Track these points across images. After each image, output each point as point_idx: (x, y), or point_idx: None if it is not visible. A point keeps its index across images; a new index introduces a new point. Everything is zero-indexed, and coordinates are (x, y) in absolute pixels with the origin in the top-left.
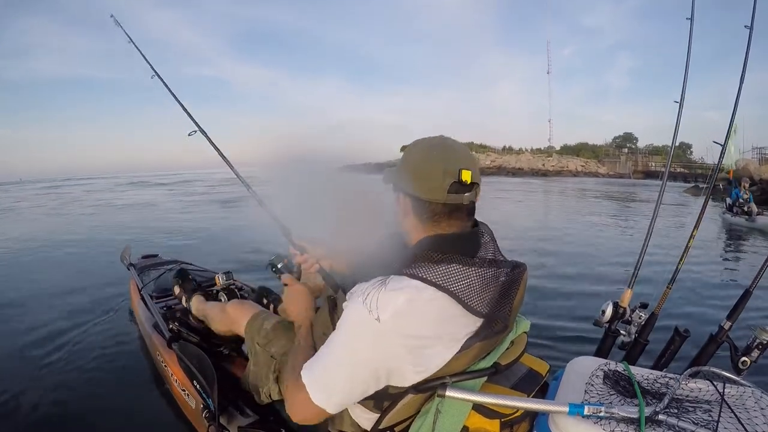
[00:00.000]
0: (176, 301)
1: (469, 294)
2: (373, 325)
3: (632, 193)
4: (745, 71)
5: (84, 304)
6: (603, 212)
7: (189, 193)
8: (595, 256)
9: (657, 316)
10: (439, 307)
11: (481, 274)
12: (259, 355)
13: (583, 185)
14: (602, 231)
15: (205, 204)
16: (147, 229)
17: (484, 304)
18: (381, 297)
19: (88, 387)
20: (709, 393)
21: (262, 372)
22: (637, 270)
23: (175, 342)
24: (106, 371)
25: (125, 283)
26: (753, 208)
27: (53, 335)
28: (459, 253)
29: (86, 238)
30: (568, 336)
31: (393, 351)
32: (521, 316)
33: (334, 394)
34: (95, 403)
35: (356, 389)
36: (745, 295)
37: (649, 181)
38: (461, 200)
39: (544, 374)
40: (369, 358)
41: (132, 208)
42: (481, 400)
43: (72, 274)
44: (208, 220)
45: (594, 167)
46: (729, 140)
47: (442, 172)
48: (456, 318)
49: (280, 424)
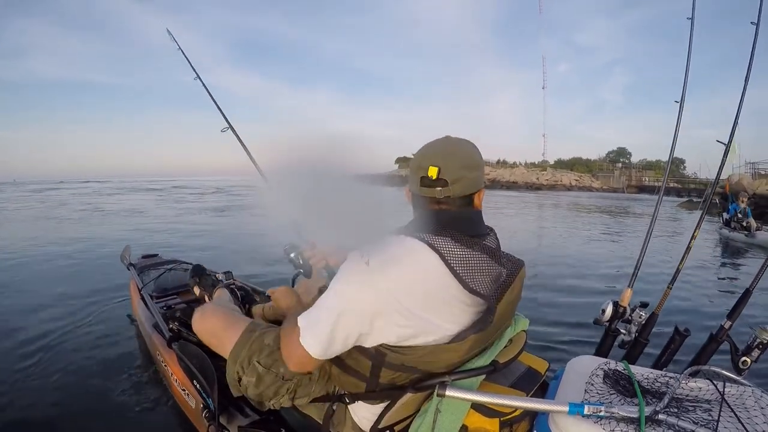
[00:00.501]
0: (177, 300)
1: (460, 265)
2: (363, 269)
3: (627, 207)
4: (750, 68)
5: (83, 304)
6: (598, 224)
7: (179, 200)
8: (594, 265)
9: (657, 316)
10: (430, 266)
11: (477, 255)
12: (263, 376)
13: (578, 199)
14: (600, 244)
15: (195, 212)
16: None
17: (475, 282)
18: (375, 246)
19: (87, 387)
20: (709, 392)
21: (268, 392)
22: (638, 269)
23: (175, 342)
24: (105, 371)
25: (121, 283)
26: (752, 224)
27: (53, 335)
28: (455, 229)
29: (76, 240)
30: (564, 341)
31: (378, 296)
32: (519, 315)
33: (319, 335)
34: (95, 403)
35: (339, 333)
36: (746, 295)
37: (642, 195)
38: (433, 194)
39: (543, 372)
40: (353, 299)
41: (118, 215)
42: (482, 400)
43: (69, 275)
44: (203, 225)
45: (588, 181)
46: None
47: (417, 166)
48: (448, 285)
49: (280, 424)
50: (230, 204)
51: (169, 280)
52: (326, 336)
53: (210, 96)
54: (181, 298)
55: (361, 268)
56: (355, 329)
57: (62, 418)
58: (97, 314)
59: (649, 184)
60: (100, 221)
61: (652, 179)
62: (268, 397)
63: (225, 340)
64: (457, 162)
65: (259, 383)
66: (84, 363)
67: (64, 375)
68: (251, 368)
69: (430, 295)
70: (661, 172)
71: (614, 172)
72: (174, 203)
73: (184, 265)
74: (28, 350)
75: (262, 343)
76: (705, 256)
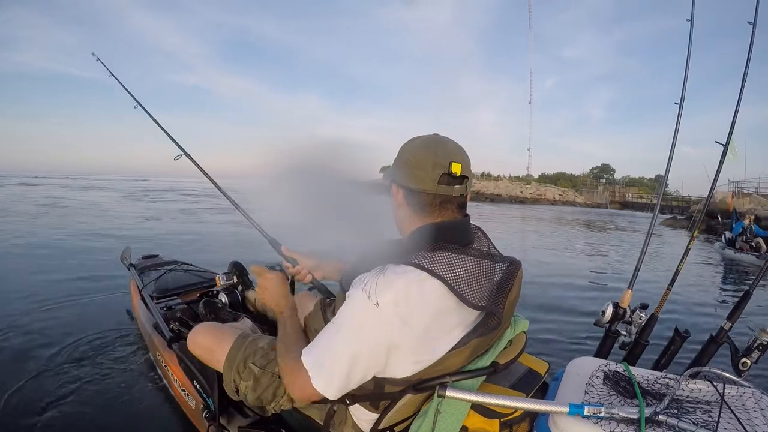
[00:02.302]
0: (177, 301)
1: (462, 284)
2: (372, 310)
3: (611, 222)
4: (747, 69)
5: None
6: (585, 238)
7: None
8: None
9: (657, 317)
10: (434, 295)
11: (474, 263)
12: (260, 378)
13: (561, 214)
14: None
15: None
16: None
17: (478, 296)
18: (379, 283)
19: (87, 387)
20: (709, 393)
21: (266, 394)
22: (638, 271)
23: (176, 342)
24: (105, 371)
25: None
26: (761, 244)
27: (52, 335)
28: (451, 241)
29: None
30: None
31: (392, 336)
32: (519, 316)
33: (334, 379)
34: (94, 403)
35: (355, 375)
36: (745, 296)
37: (626, 211)
38: (451, 192)
39: (543, 374)
40: (368, 343)
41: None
42: (482, 401)
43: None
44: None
45: (572, 196)
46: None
47: (432, 163)
48: (451, 308)
49: (281, 424)
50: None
51: (170, 280)
52: (342, 381)
53: (157, 124)
54: (181, 299)
55: (369, 308)
56: (372, 369)
57: (62, 418)
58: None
59: (632, 201)
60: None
61: (636, 196)
62: (267, 400)
63: (218, 353)
64: (468, 160)
65: (256, 386)
66: (83, 363)
67: (64, 375)
68: (247, 371)
69: (440, 319)
70: (644, 189)
71: (598, 187)
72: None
73: (185, 266)
74: (28, 349)
75: (255, 346)
76: (711, 284)
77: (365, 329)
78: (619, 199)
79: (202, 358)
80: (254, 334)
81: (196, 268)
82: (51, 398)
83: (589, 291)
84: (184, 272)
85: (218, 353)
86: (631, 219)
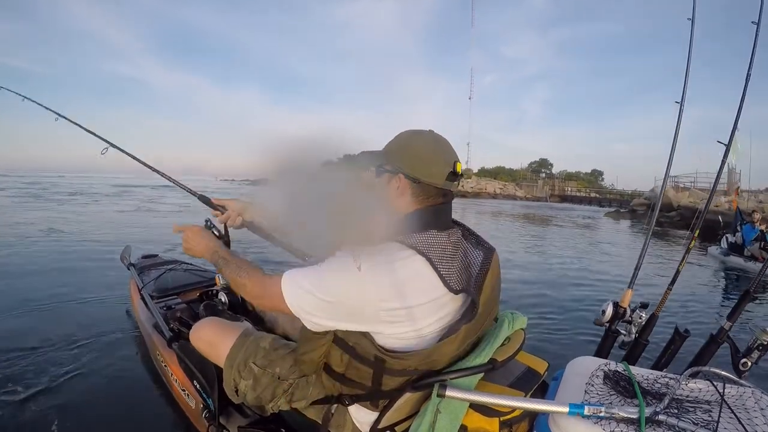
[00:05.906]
0: (177, 300)
1: (444, 263)
2: (354, 273)
3: (552, 216)
4: (751, 69)
5: (82, 303)
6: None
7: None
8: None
9: (657, 317)
10: (417, 271)
11: (454, 242)
12: (260, 377)
13: (502, 207)
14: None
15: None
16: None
17: (455, 278)
18: (367, 252)
19: (87, 387)
20: (709, 393)
21: (265, 394)
22: (638, 270)
23: (176, 342)
24: (105, 371)
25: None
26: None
27: (52, 335)
28: (436, 225)
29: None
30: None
31: (366, 304)
32: (517, 313)
33: (304, 308)
34: (94, 403)
35: (325, 317)
36: (745, 296)
37: (565, 204)
38: (452, 187)
39: (542, 373)
40: (338, 297)
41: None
42: (483, 400)
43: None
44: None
45: (512, 190)
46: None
47: (443, 161)
48: (433, 287)
49: (280, 424)
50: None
51: (170, 280)
52: (305, 296)
53: (83, 128)
54: (181, 299)
55: (352, 269)
56: (328, 322)
57: (61, 418)
58: (99, 313)
59: (572, 194)
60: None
61: (575, 189)
62: (266, 400)
63: (221, 348)
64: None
65: (256, 385)
66: (83, 363)
67: (63, 375)
68: (247, 371)
69: (418, 296)
70: (582, 183)
71: (538, 181)
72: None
73: (185, 266)
74: (27, 348)
75: (257, 346)
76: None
77: (341, 284)
78: (559, 192)
79: (204, 352)
80: (256, 333)
81: (196, 267)
82: (50, 398)
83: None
84: (184, 271)
85: (221, 349)
86: (572, 211)
